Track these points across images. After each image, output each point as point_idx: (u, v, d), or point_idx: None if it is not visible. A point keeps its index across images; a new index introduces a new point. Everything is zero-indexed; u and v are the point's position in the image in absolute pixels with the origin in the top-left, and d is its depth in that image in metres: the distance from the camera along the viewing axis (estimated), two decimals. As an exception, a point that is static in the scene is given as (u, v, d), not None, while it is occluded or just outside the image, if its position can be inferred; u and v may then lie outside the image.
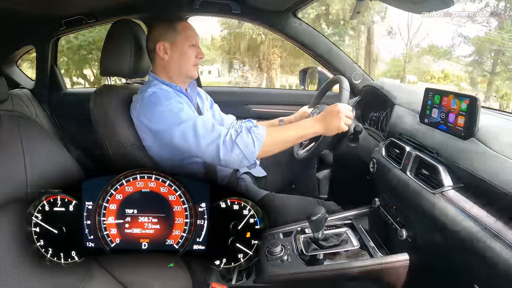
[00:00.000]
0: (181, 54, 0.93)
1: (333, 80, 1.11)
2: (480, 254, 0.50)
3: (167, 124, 0.83)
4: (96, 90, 0.95)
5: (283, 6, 1.20)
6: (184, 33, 0.92)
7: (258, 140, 0.81)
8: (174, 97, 0.87)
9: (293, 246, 0.83)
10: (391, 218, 0.82)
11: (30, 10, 1.13)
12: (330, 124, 0.87)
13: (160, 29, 0.92)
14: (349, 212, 0.95)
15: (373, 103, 1.25)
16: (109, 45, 0.97)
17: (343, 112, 0.87)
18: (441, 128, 0.73)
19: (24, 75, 1.70)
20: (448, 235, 0.59)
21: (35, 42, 1.51)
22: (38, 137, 0.63)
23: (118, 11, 1.24)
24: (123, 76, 1.00)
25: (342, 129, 0.87)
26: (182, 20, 0.95)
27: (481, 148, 0.60)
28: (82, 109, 1.51)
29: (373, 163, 0.91)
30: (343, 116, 0.86)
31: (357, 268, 0.74)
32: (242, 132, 0.82)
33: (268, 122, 1.20)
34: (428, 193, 0.65)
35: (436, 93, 0.75)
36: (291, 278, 0.75)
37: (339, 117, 0.86)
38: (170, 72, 0.95)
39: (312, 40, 1.33)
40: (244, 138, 0.81)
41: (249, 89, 1.70)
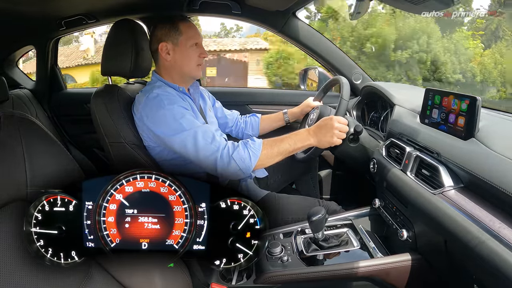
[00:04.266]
0: (184, 55, 0.93)
1: (334, 80, 1.11)
2: (480, 255, 0.50)
3: (168, 129, 0.84)
4: (97, 90, 0.95)
5: (283, 6, 1.20)
6: (186, 33, 0.92)
7: (254, 155, 0.83)
8: (178, 101, 0.87)
9: (293, 247, 0.83)
10: (392, 218, 0.82)
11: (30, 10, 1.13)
12: (323, 138, 0.88)
13: (162, 29, 0.92)
14: (349, 213, 0.95)
15: (373, 103, 1.25)
16: (110, 45, 0.97)
17: (336, 127, 0.87)
18: (442, 128, 0.73)
19: (24, 75, 1.70)
20: (448, 235, 0.59)
21: (35, 42, 1.51)
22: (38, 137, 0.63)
23: (118, 11, 1.24)
24: (124, 76, 1.00)
25: (334, 144, 0.88)
26: (184, 20, 0.94)
27: (482, 148, 0.60)
28: (83, 109, 1.53)
29: (373, 164, 0.91)
30: (336, 132, 0.87)
31: (357, 269, 0.74)
32: (239, 147, 0.84)
33: (273, 115, 1.21)
34: (429, 194, 0.65)
35: (437, 94, 0.75)
36: (291, 279, 0.75)
37: (332, 132, 0.87)
38: (173, 72, 0.95)
39: (312, 40, 1.33)
40: (240, 153, 0.82)
41: (249, 89, 1.70)
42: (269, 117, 1.21)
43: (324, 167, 1.46)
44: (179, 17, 0.95)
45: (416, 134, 0.80)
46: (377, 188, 0.93)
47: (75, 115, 1.57)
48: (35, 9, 1.15)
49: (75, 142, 1.62)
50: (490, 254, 0.48)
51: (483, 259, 0.50)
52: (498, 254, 0.47)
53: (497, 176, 0.53)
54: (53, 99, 1.59)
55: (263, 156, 0.84)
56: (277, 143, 0.87)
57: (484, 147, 0.60)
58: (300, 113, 1.17)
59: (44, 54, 1.51)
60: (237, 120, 1.21)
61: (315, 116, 1.06)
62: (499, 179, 0.53)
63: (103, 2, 1.19)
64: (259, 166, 0.86)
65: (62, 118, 1.61)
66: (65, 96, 1.62)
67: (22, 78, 1.68)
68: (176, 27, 0.91)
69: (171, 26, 0.91)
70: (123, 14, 1.20)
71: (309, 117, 1.11)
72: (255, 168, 0.85)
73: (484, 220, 0.52)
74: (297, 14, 1.30)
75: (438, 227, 0.61)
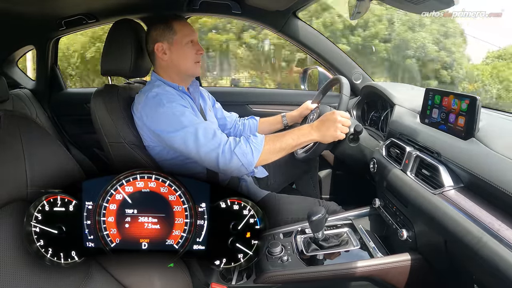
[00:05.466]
0: (180, 53, 0.92)
1: (334, 80, 1.11)
2: (480, 255, 0.50)
3: (168, 127, 0.83)
4: (97, 90, 0.95)
5: (283, 6, 1.20)
6: (181, 31, 0.92)
7: (256, 150, 0.83)
8: (177, 100, 0.87)
9: (293, 246, 0.83)
10: (392, 218, 0.82)
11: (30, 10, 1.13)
12: (326, 132, 0.87)
13: (157, 30, 0.92)
14: (349, 213, 0.95)
15: (373, 103, 1.25)
16: (110, 44, 0.96)
17: (339, 121, 0.87)
18: (442, 128, 0.73)
19: (24, 75, 1.70)
20: (448, 235, 0.59)
21: (35, 42, 1.51)
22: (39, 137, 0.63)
23: (118, 11, 1.24)
24: (124, 76, 1.00)
25: (338, 138, 0.88)
26: (178, 18, 0.94)
27: (482, 148, 0.60)
28: (83, 109, 1.53)
29: (373, 163, 0.91)
30: (339, 125, 0.86)
31: (357, 269, 0.74)
32: (241, 142, 0.83)
33: (271, 118, 1.21)
34: (429, 193, 0.65)
35: (437, 93, 0.75)
36: (291, 278, 0.75)
37: (335, 126, 0.86)
38: (171, 72, 0.95)
39: (313, 40, 1.33)
40: (242, 148, 0.82)
41: (249, 89, 1.70)
42: (268, 120, 1.21)
43: (324, 167, 1.46)
44: (172, 16, 0.94)
45: (416, 134, 0.80)
46: (377, 188, 0.93)
47: (75, 115, 1.56)
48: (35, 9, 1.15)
49: (75, 142, 1.62)
50: (490, 254, 0.48)
51: (483, 259, 0.50)
52: (498, 254, 0.47)
53: (497, 176, 0.53)
54: (53, 99, 1.59)
55: (265, 150, 0.83)
56: (280, 138, 0.86)
57: (484, 147, 0.60)
58: (299, 116, 1.17)
59: (44, 54, 1.51)
60: (235, 122, 1.21)
61: (315, 117, 1.06)
62: (499, 179, 0.53)
63: (103, 2, 1.19)
64: (262, 162, 0.84)
65: (62, 118, 1.61)
66: (65, 96, 1.62)
67: (22, 78, 1.68)
68: (170, 27, 0.91)
69: (165, 26, 0.91)
70: (123, 14, 1.20)
71: (309, 117, 1.11)
72: (257, 163, 0.83)
73: (484, 220, 0.52)
74: (297, 14, 1.30)
75: (438, 227, 0.61)
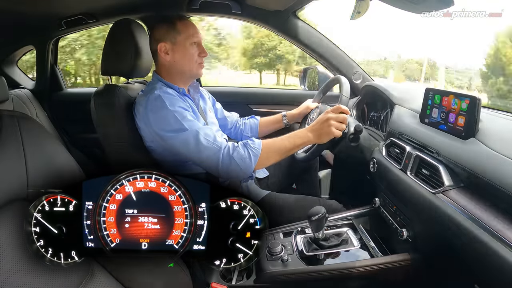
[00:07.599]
0: (183, 54, 0.92)
1: (334, 79, 1.11)
2: (480, 254, 0.50)
3: (170, 130, 0.84)
4: (97, 90, 0.95)
5: (283, 6, 1.20)
6: (185, 32, 0.91)
7: (255, 155, 0.83)
8: (178, 102, 0.87)
9: (293, 246, 0.83)
10: (392, 218, 0.82)
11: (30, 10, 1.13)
12: (322, 130, 0.87)
13: (161, 30, 0.91)
14: (349, 212, 0.95)
15: (373, 103, 1.25)
16: (110, 44, 0.96)
17: (331, 117, 0.87)
18: (442, 128, 0.73)
19: (24, 75, 1.70)
20: (448, 235, 0.59)
21: (35, 42, 1.51)
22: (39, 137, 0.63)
23: (118, 11, 1.24)
24: (124, 75, 1.00)
25: (334, 135, 0.87)
26: (182, 19, 0.94)
27: (482, 148, 0.60)
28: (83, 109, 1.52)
29: (373, 163, 0.91)
30: (332, 122, 0.87)
31: (358, 268, 0.74)
32: (239, 147, 0.84)
33: (272, 117, 1.21)
34: (429, 193, 0.65)
35: (437, 93, 0.75)
36: (291, 278, 0.75)
37: (329, 123, 0.86)
38: (172, 73, 0.95)
39: (312, 40, 1.33)
40: (240, 153, 0.83)
41: (250, 89, 1.69)
42: (268, 120, 1.21)
43: (324, 167, 1.46)
44: (177, 17, 0.94)
45: (416, 134, 0.80)
46: (377, 188, 0.93)
47: (75, 115, 1.56)
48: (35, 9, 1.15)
49: (75, 142, 1.62)
50: (490, 254, 0.48)
51: (483, 259, 0.50)
52: (498, 254, 0.47)
53: (497, 176, 0.53)
54: (53, 99, 1.59)
55: (263, 155, 0.85)
56: (277, 142, 0.87)
57: (484, 146, 0.60)
58: (299, 115, 1.17)
59: (44, 54, 1.51)
60: (236, 122, 1.21)
61: (315, 116, 1.06)
62: (499, 178, 0.53)
63: (103, 2, 1.19)
64: (260, 166, 0.86)
65: (62, 118, 1.61)
66: (65, 96, 1.62)
67: (22, 78, 1.68)
68: (174, 27, 0.91)
69: (169, 26, 0.91)
70: (123, 14, 1.20)
71: (309, 117, 1.11)
72: (256, 168, 0.85)
73: (484, 220, 0.52)
74: (297, 13, 1.30)
75: (438, 227, 0.61)
